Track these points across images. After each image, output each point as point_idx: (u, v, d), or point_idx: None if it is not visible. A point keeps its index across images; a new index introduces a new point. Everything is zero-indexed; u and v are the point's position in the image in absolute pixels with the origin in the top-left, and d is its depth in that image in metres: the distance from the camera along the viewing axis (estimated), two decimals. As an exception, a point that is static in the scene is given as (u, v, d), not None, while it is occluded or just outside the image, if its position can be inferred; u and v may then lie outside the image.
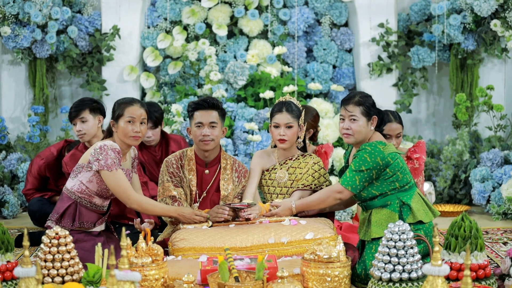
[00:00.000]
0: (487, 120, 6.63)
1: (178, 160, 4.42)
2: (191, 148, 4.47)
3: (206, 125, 4.33)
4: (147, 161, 5.52)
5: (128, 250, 3.44)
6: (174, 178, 4.36)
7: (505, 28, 6.49)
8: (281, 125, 4.44)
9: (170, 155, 4.48)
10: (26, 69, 6.88)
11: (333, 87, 6.87)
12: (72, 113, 5.06)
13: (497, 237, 5.18)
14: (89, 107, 5.03)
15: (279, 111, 4.46)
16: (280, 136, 4.44)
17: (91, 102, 5.06)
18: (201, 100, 4.40)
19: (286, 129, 4.44)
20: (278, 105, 4.50)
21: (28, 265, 2.76)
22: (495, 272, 3.66)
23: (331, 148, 5.06)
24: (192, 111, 4.39)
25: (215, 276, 3.34)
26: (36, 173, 5.34)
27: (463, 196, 6.34)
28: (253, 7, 6.96)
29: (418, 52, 6.81)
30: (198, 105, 4.38)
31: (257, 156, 4.59)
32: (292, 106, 4.47)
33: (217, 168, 4.44)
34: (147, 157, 5.52)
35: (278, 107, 4.49)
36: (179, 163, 4.41)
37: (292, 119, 4.44)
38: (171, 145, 5.53)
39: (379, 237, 3.82)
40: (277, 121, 4.45)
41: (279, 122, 4.44)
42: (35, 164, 5.35)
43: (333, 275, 3.38)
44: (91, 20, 6.83)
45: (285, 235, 3.92)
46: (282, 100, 4.54)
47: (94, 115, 5.02)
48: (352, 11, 7.03)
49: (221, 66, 6.91)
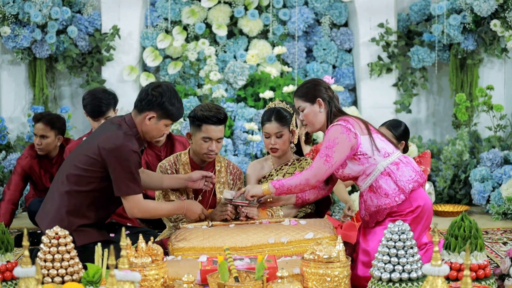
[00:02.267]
0: (487, 120, 6.63)
1: (172, 165, 4.37)
2: (185, 152, 4.42)
3: (214, 140, 4.25)
4: (151, 161, 5.51)
5: (128, 250, 3.43)
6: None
7: (505, 28, 6.49)
8: (271, 135, 4.40)
9: (163, 160, 4.43)
10: (26, 69, 6.88)
11: (333, 87, 6.87)
12: (102, 106, 5.14)
13: (497, 237, 5.18)
14: (113, 105, 5.21)
15: (268, 120, 4.39)
16: (271, 145, 4.40)
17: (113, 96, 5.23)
18: (212, 114, 4.21)
19: (277, 139, 4.39)
20: (266, 114, 4.42)
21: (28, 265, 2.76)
22: (495, 272, 3.66)
23: None
24: (200, 122, 4.23)
25: (215, 276, 3.34)
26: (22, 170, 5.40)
27: (463, 196, 6.35)
28: (253, 7, 6.97)
29: (418, 52, 6.82)
30: (208, 120, 4.21)
31: (251, 167, 4.58)
32: (281, 114, 4.38)
33: (212, 171, 4.40)
34: (151, 157, 5.51)
35: (267, 116, 4.41)
36: (173, 168, 4.36)
37: (282, 127, 4.38)
38: (176, 146, 5.52)
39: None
40: (266, 131, 4.40)
41: (269, 132, 4.39)
42: (19, 163, 5.44)
43: (333, 275, 3.37)
44: (91, 20, 6.83)
45: (285, 235, 3.92)
46: (271, 108, 4.44)
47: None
48: (352, 11, 7.03)
49: (221, 66, 6.91)
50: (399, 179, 3.84)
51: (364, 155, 3.87)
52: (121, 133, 3.94)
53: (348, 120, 3.91)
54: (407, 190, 3.84)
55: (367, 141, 3.87)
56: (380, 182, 3.87)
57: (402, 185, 3.84)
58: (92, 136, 4.13)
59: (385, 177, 3.86)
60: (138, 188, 3.95)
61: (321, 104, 3.97)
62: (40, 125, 5.36)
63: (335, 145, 3.83)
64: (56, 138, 5.40)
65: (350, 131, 3.84)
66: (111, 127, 4.01)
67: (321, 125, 4.01)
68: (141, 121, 4.01)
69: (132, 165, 3.90)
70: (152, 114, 3.99)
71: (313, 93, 3.98)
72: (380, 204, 3.87)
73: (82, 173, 3.98)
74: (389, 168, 3.86)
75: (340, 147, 3.83)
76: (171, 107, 3.99)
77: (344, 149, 3.84)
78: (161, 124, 4.02)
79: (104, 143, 3.91)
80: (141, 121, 4.01)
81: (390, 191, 3.84)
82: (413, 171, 3.89)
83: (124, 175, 3.89)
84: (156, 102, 3.96)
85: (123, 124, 4.00)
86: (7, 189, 5.39)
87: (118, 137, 3.91)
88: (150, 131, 4.03)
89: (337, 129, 3.86)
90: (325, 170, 3.87)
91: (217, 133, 4.24)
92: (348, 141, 3.84)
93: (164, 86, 4.01)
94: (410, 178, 3.86)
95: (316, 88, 4.00)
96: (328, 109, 3.98)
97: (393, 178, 3.85)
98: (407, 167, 3.88)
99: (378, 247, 3.42)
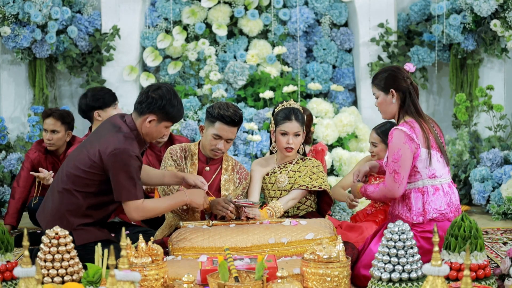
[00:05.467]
0: (487, 120, 6.63)
1: (182, 151, 4.41)
2: (195, 144, 4.46)
3: (224, 140, 4.28)
4: (151, 161, 5.51)
5: (128, 250, 3.43)
6: (177, 166, 4.35)
7: (505, 28, 6.49)
8: (289, 134, 4.39)
9: (174, 145, 4.46)
10: (26, 69, 6.88)
11: (333, 87, 6.87)
12: (112, 95, 5.30)
13: (497, 237, 5.18)
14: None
15: (287, 119, 4.39)
16: (288, 144, 4.39)
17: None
18: (228, 114, 4.22)
19: (294, 138, 4.40)
20: (285, 112, 4.41)
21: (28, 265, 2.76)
22: (495, 272, 3.66)
23: (325, 146, 5.12)
24: (215, 119, 4.25)
25: (215, 276, 3.34)
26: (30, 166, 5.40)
27: (463, 196, 6.34)
28: (253, 7, 6.96)
29: (418, 52, 6.82)
30: (223, 119, 4.22)
31: (256, 165, 4.58)
32: (299, 114, 4.41)
33: (218, 167, 4.43)
34: (151, 157, 5.51)
35: (286, 114, 4.40)
36: (183, 153, 4.40)
37: (301, 128, 4.40)
38: None
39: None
40: (285, 129, 4.39)
41: (287, 131, 4.38)
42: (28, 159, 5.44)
43: (333, 275, 3.38)
44: (91, 20, 6.83)
45: (285, 235, 3.92)
46: (288, 107, 4.44)
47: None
48: (352, 11, 7.03)
49: (221, 66, 6.91)
50: (429, 203, 3.84)
51: (415, 168, 3.86)
52: (122, 136, 3.91)
53: (414, 128, 3.86)
54: (428, 217, 3.83)
55: (424, 155, 3.85)
56: (411, 195, 3.88)
57: (427, 209, 3.84)
58: (94, 136, 4.11)
59: (418, 193, 3.87)
60: (139, 193, 3.92)
61: (394, 95, 3.94)
62: (50, 120, 5.38)
63: (399, 158, 3.81)
64: (66, 133, 5.43)
65: (413, 141, 3.82)
66: (112, 129, 3.98)
67: (392, 115, 3.99)
68: (141, 124, 4.00)
69: (133, 170, 3.88)
70: (152, 117, 3.98)
71: (389, 82, 3.95)
72: (401, 213, 3.91)
73: (82, 174, 3.97)
74: (427, 188, 3.86)
75: (404, 159, 3.81)
76: (171, 110, 3.98)
77: (407, 161, 3.82)
78: (162, 126, 4.02)
79: (105, 148, 3.89)
80: (141, 124, 4.00)
81: (414, 208, 3.85)
82: (446, 204, 3.87)
83: (124, 180, 3.87)
84: (157, 105, 3.95)
85: (123, 126, 3.99)
86: (16, 185, 5.37)
87: (118, 141, 3.89)
88: (150, 133, 4.02)
89: (400, 136, 3.83)
90: (397, 187, 3.85)
91: (229, 134, 4.27)
92: (410, 151, 3.81)
93: (164, 88, 4.00)
94: (440, 208, 3.85)
95: (393, 77, 3.96)
96: (401, 101, 3.94)
97: (424, 199, 3.85)
98: (444, 198, 3.87)
99: (378, 247, 3.43)
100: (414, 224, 3.83)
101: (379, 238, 3.90)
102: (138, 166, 3.92)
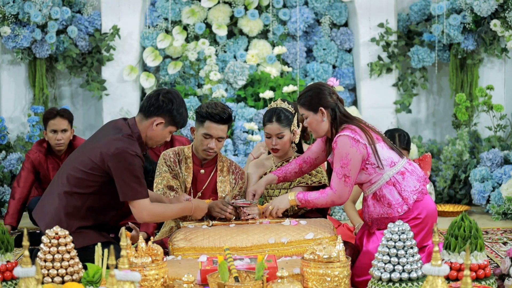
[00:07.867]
0: (487, 120, 6.64)
1: (176, 155, 4.38)
2: (188, 147, 4.44)
3: (215, 138, 4.27)
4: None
5: (128, 250, 3.43)
6: (171, 171, 4.34)
7: (505, 28, 6.49)
8: (272, 135, 4.41)
9: (168, 150, 4.44)
10: (26, 69, 6.88)
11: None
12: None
13: (497, 237, 5.18)
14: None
15: (268, 121, 4.39)
16: (273, 146, 4.42)
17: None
18: (216, 112, 4.22)
19: (278, 139, 4.41)
20: (268, 114, 4.41)
21: (28, 265, 2.75)
22: (495, 272, 3.66)
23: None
24: (203, 118, 4.25)
25: (215, 276, 3.34)
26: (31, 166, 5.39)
27: (463, 196, 6.35)
28: (253, 7, 6.97)
29: (418, 52, 6.82)
30: (212, 117, 4.22)
31: (253, 166, 4.58)
32: (282, 114, 4.37)
33: (213, 169, 4.41)
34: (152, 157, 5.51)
35: (268, 116, 4.40)
36: (176, 158, 4.37)
37: (283, 128, 4.38)
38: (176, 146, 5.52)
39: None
40: (267, 131, 4.40)
41: (270, 132, 4.39)
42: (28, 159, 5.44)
43: (333, 275, 3.37)
44: (91, 20, 6.83)
45: (285, 235, 3.92)
46: (273, 108, 4.44)
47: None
48: (352, 11, 7.03)
49: (221, 66, 6.91)
50: (404, 189, 3.83)
51: (372, 165, 3.85)
52: (123, 137, 3.91)
53: (355, 129, 3.86)
54: (411, 201, 3.83)
55: (373, 151, 3.85)
56: (384, 191, 3.86)
57: (406, 196, 3.83)
58: (94, 138, 4.10)
59: (390, 186, 3.86)
60: (145, 191, 3.91)
61: (323, 113, 3.94)
62: (60, 120, 5.38)
63: (349, 163, 3.80)
64: (71, 131, 5.45)
65: (359, 142, 3.81)
66: (113, 131, 3.97)
67: (325, 132, 3.99)
68: (147, 127, 3.99)
69: (137, 168, 3.87)
70: (160, 120, 3.97)
71: (316, 102, 3.94)
72: (382, 213, 3.88)
73: (83, 176, 3.96)
74: (395, 178, 3.85)
75: (354, 162, 3.81)
76: (178, 115, 4.00)
77: (357, 164, 3.82)
78: (167, 130, 4.02)
79: (107, 149, 3.87)
80: (147, 127, 3.99)
81: (393, 202, 3.84)
82: (417, 181, 3.87)
83: (129, 179, 3.85)
84: (166, 108, 3.96)
85: (125, 128, 3.98)
86: (16, 185, 5.36)
87: (120, 141, 3.88)
88: (155, 137, 4.02)
89: (346, 142, 3.82)
90: (348, 190, 3.86)
91: (218, 132, 4.25)
92: (359, 153, 3.81)
93: (174, 93, 4.02)
94: (415, 189, 3.85)
95: (319, 96, 3.95)
96: (332, 117, 3.95)
97: (398, 188, 3.84)
98: (412, 177, 3.87)
99: (378, 247, 3.42)
100: (401, 216, 3.83)
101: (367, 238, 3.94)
102: (141, 165, 3.92)
